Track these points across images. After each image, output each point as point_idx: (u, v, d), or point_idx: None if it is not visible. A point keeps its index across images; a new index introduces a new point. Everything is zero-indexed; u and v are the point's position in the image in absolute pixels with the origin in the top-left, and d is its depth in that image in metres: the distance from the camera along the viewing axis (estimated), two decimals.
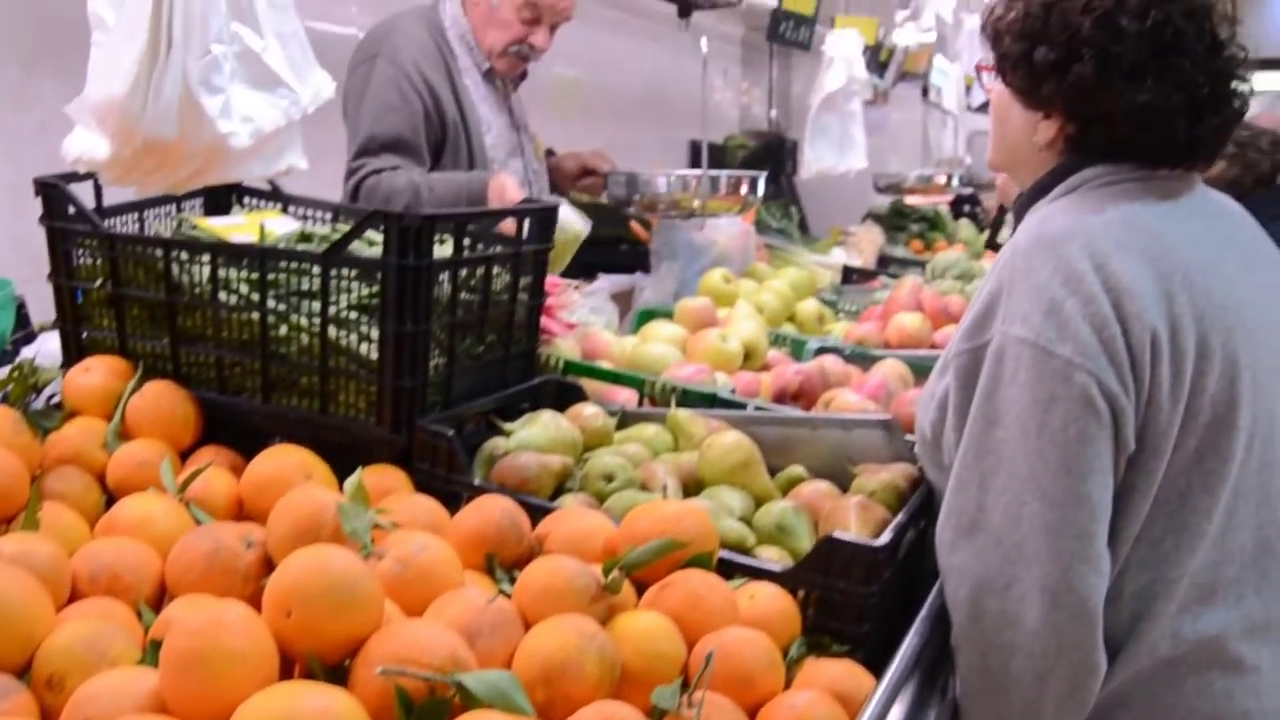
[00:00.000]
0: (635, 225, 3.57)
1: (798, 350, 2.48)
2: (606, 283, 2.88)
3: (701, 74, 2.87)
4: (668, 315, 2.52)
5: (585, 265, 3.74)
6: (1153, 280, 1.41)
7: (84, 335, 1.86)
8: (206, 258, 1.72)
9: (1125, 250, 1.43)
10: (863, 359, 2.39)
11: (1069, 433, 1.37)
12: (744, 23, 6.41)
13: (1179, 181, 1.56)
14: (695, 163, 6.55)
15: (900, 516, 1.60)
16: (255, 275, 1.70)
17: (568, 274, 3.23)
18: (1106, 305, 1.39)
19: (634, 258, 3.78)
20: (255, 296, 1.71)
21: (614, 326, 2.48)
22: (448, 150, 2.88)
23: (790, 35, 3.54)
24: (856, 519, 1.56)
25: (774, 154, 6.91)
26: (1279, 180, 2.77)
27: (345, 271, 1.67)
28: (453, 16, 2.97)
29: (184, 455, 1.72)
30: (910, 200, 5.63)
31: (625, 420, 1.93)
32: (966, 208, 6.67)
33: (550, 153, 3.40)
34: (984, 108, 6.90)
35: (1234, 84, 1.52)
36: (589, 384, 2.07)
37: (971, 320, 1.49)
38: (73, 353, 1.86)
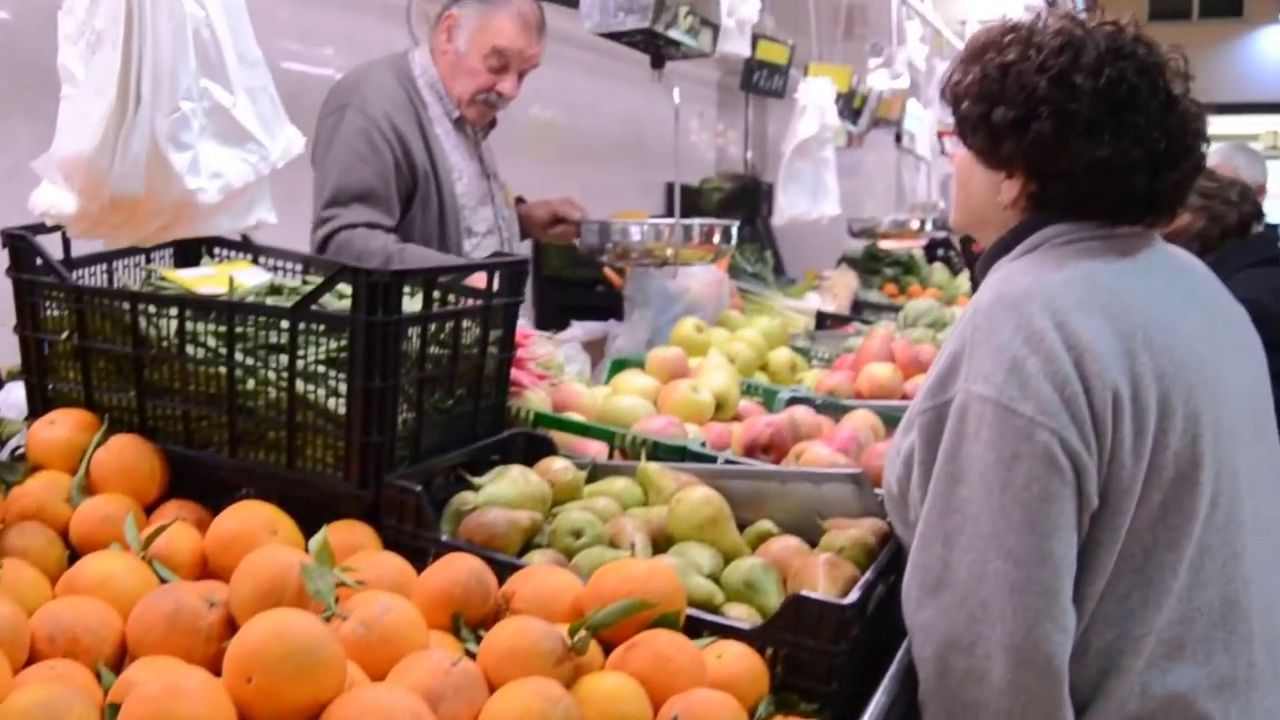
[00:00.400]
0: (609, 271, 3.58)
1: (769, 400, 2.48)
2: (580, 330, 2.88)
3: (674, 123, 2.88)
4: (640, 365, 2.52)
5: (562, 307, 3.77)
6: (1114, 338, 1.43)
7: (49, 387, 1.84)
8: (174, 311, 1.71)
9: (1086, 309, 1.44)
10: (834, 409, 2.40)
11: (1032, 490, 1.38)
12: (719, 67, 6.46)
13: (1139, 239, 1.57)
14: (671, 205, 6.60)
15: (869, 574, 1.60)
16: (223, 328, 1.70)
17: (542, 321, 3.27)
18: (1068, 364, 1.40)
19: (610, 299, 3.79)
20: (223, 350, 1.70)
21: (586, 375, 2.48)
22: (417, 200, 2.88)
23: (764, 84, 3.57)
24: (825, 576, 1.56)
25: (749, 196, 6.96)
26: (1253, 230, 2.79)
27: (314, 325, 1.67)
28: (422, 65, 2.98)
29: (150, 509, 1.70)
30: (884, 244, 5.66)
31: (596, 473, 1.92)
32: (940, 252, 6.72)
33: (520, 200, 3.40)
34: None
35: (1190, 139, 1.54)
36: (560, 436, 2.06)
37: (935, 378, 1.50)
38: (38, 405, 1.85)
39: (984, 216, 1.64)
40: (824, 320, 4.12)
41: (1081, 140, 1.49)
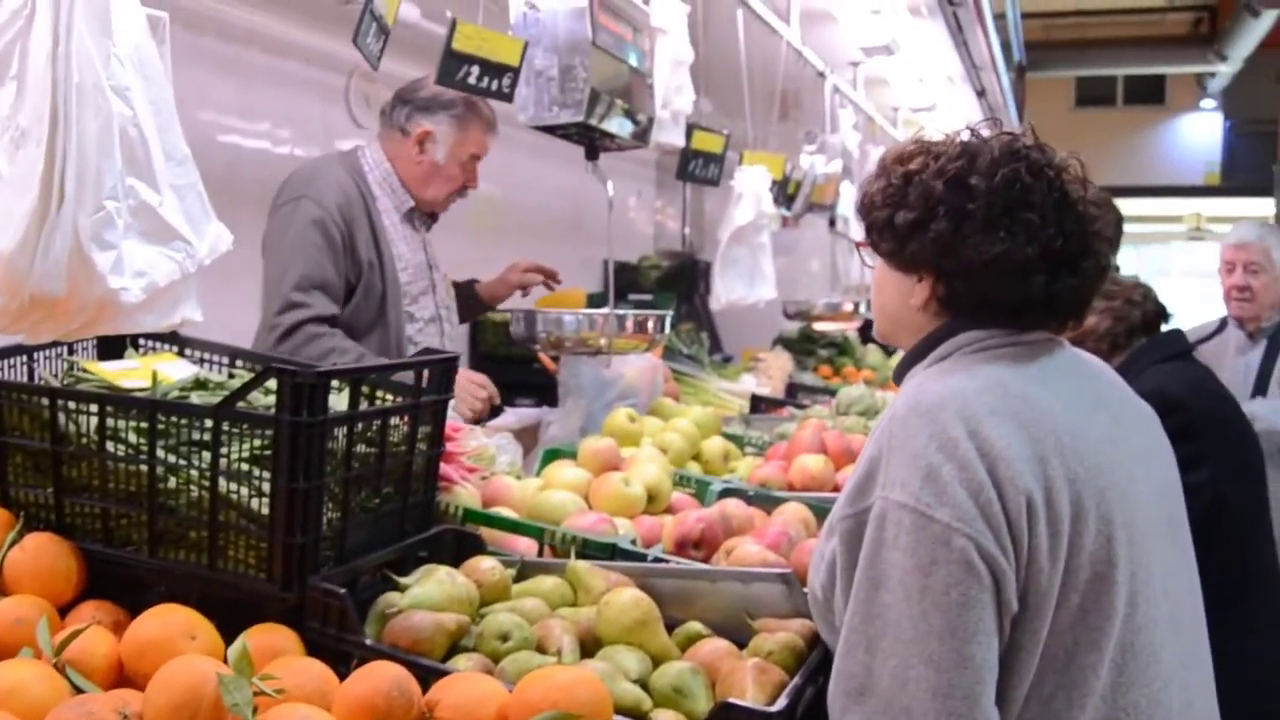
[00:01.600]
0: (543, 356, 3.58)
1: (702, 492, 2.48)
2: (514, 417, 2.87)
3: (608, 213, 2.91)
4: (573, 455, 2.51)
5: (498, 385, 3.75)
6: (1026, 444, 1.45)
7: None
8: (94, 407, 1.69)
9: (998, 416, 1.47)
10: (766, 501, 2.40)
11: (951, 596, 1.39)
12: (658, 145, 6.55)
13: (1047, 345, 1.61)
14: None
15: (797, 678, 1.60)
16: (145, 425, 1.67)
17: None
18: (981, 471, 1.42)
19: (548, 378, 3.77)
20: (145, 447, 1.67)
21: (518, 466, 2.46)
22: (360, 288, 2.96)
23: (700, 173, 3.61)
24: (753, 682, 1.55)
25: (687, 274, 7.01)
26: (1163, 326, 2.86)
27: (239, 423, 1.65)
28: (374, 161, 3.11)
29: (65, 610, 1.66)
30: (819, 326, 5.73)
31: (525, 571, 1.91)
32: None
33: (474, 281, 3.54)
34: None
35: (1089, 240, 1.58)
36: (489, 532, 2.05)
37: (853, 485, 1.52)
38: None
39: (899, 322, 1.67)
40: (759, 404, 4.14)
41: (978, 237, 1.53)
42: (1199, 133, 20.24)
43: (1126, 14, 17.54)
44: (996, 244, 1.52)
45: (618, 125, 2.78)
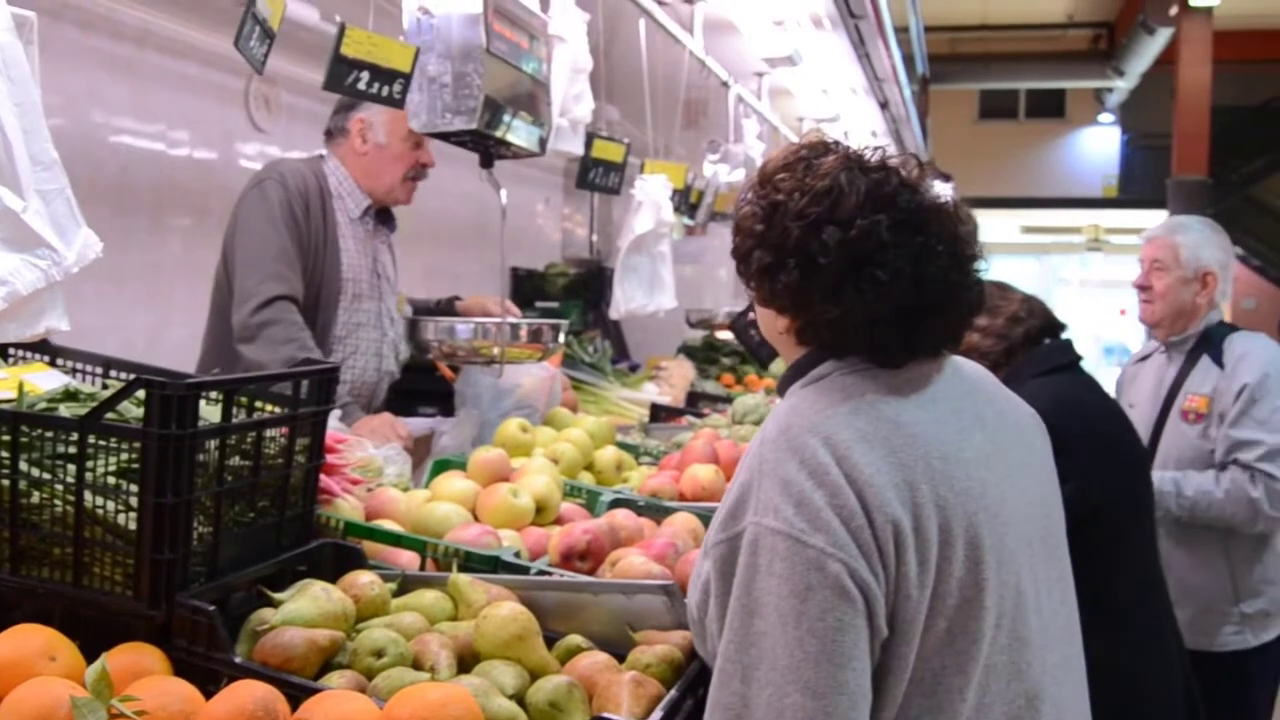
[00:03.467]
0: (442, 365, 3.56)
1: (592, 503, 2.47)
2: (404, 429, 2.83)
3: (501, 221, 2.89)
4: (463, 466, 2.49)
5: (402, 394, 3.71)
6: (894, 470, 1.44)
7: None
8: None
9: (868, 441, 1.46)
10: (657, 511, 2.40)
11: (826, 621, 1.37)
12: (557, 155, 6.55)
13: (925, 364, 1.59)
14: (515, 291, 6.61)
15: (674, 691, 1.60)
16: (7, 438, 1.62)
17: (385, 406, 3.27)
18: (851, 497, 1.41)
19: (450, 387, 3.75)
20: (6, 460, 1.62)
21: (407, 478, 2.43)
22: (305, 278, 3.07)
23: (600, 181, 3.61)
24: (629, 696, 1.55)
25: (594, 282, 7.00)
26: (1043, 342, 2.87)
27: (106, 437, 1.60)
28: (332, 168, 3.24)
29: None
30: (722, 334, 5.76)
31: (406, 585, 1.88)
32: None
33: (456, 298, 3.66)
34: None
35: (953, 289, 1.54)
36: (372, 545, 2.02)
37: (727, 510, 1.49)
38: None
39: (774, 342, 1.67)
40: (658, 413, 4.14)
41: (823, 294, 1.51)
42: (1097, 146, 20.79)
43: (1029, 29, 17.96)
44: (842, 302, 1.50)
45: (513, 133, 2.77)
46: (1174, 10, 13.55)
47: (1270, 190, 19.83)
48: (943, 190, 1.58)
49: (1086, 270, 23.94)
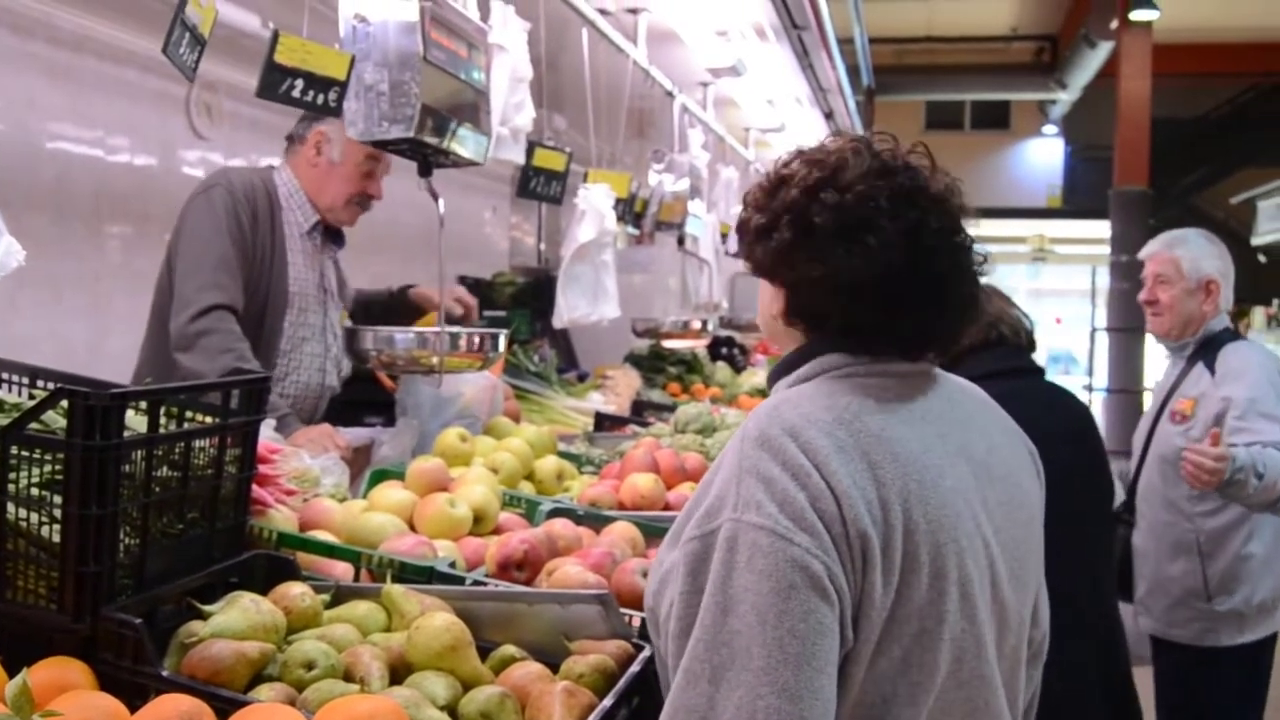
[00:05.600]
0: (381, 375, 3.54)
1: (531, 512, 2.47)
2: (342, 439, 2.81)
3: (439, 230, 2.88)
4: (401, 476, 2.47)
5: (347, 404, 3.68)
6: (870, 486, 1.40)
7: None
8: None
9: (845, 453, 1.41)
10: (596, 520, 2.40)
11: (808, 623, 1.32)
12: (497, 163, 6.54)
13: (920, 379, 1.57)
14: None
15: (607, 700, 1.60)
16: None
17: (328, 415, 3.25)
18: (832, 503, 1.37)
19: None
20: None
21: (344, 489, 2.41)
22: (248, 289, 3.05)
23: (541, 190, 3.60)
24: (561, 706, 1.54)
25: (543, 290, 6.97)
26: (991, 339, 2.93)
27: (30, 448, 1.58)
28: (284, 179, 3.24)
29: None
30: (668, 343, 5.76)
31: (339, 597, 1.87)
32: (724, 350, 6.88)
33: (410, 286, 3.80)
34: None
35: (944, 285, 1.52)
36: (307, 556, 2.00)
37: (705, 507, 1.43)
38: None
39: (769, 329, 1.64)
40: (603, 422, 4.14)
41: (810, 251, 1.49)
42: (1041, 157, 21.08)
43: (974, 41, 18.18)
44: (828, 262, 1.47)
45: (452, 142, 2.76)
46: (1115, 24, 13.76)
47: (1210, 201, 20.20)
48: (953, 189, 1.56)
49: (1033, 280, 24.25)
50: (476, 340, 2.84)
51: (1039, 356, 3.22)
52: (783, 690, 1.29)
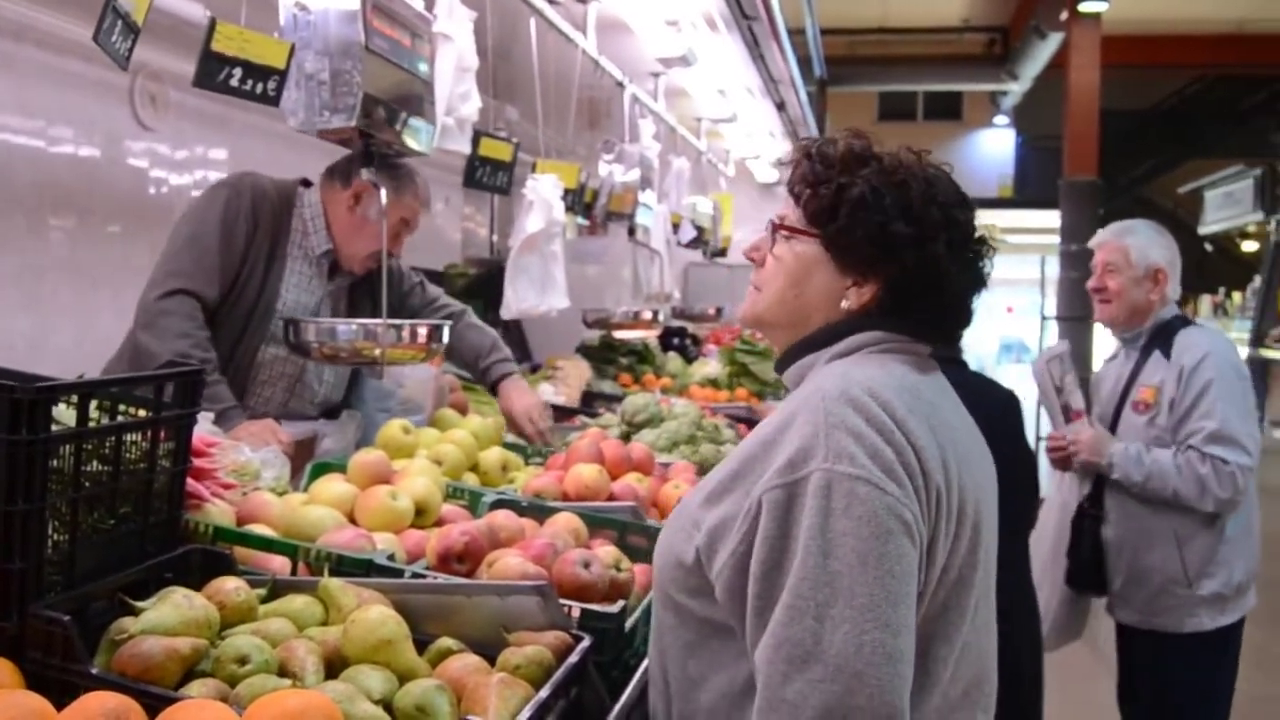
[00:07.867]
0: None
1: (474, 503, 2.46)
2: (285, 434, 2.78)
3: (381, 218, 2.86)
4: (343, 469, 2.45)
5: None
6: (935, 446, 1.56)
7: None
8: None
9: (914, 414, 1.57)
10: (539, 511, 2.40)
11: (903, 565, 1.47)
12: (442, 153, 6.51)
13: (932, 361, 1.75)
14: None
15: (543, 692, 1.59)
16: None
17: None
18: (912, 457, 1.52)
19: None
20: None
21: (284, 482, 2.39)
22: (236, 287, 3.05)
23: (488, 180, 3.58)
24: (496, 698, 1.54)
25: (495, 282, 6.91)
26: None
27: None
28: (310, 200, 3.21)
29: None
30: (619, 334, 5.76)
31: (276, 591, 1.85)
32: (676, 340, 6.89)
33: (506, 376, 3.66)
34: (694, 244, 7.23)
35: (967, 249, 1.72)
36: (244, 551, 1.98)
37: (786, 457, 1.53)
38: None
39: (807, 316, 1.71)
40: (553, 413, 4.13)
41: (926, 250, 1.65)
42: (993, 147, 21.21)
43: (926, 33, 18.25)
44: (940, 264, 1.65)
45: (396, 131, 2.74)
46: (1064, 16, 13.86)
47: (1158, 191, 20.44)
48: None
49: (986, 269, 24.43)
50: (421, 332, 2.82)
51: (993, 344, 3.31)
52: (885, 625, 1.43)
